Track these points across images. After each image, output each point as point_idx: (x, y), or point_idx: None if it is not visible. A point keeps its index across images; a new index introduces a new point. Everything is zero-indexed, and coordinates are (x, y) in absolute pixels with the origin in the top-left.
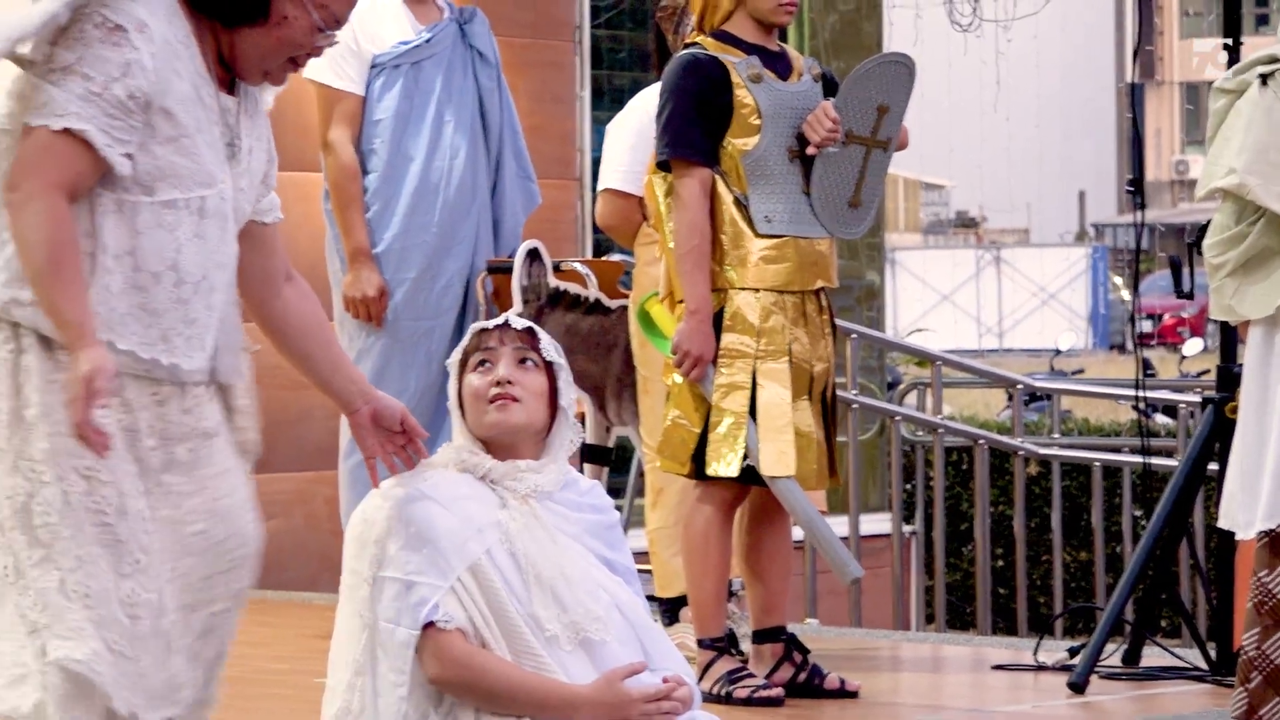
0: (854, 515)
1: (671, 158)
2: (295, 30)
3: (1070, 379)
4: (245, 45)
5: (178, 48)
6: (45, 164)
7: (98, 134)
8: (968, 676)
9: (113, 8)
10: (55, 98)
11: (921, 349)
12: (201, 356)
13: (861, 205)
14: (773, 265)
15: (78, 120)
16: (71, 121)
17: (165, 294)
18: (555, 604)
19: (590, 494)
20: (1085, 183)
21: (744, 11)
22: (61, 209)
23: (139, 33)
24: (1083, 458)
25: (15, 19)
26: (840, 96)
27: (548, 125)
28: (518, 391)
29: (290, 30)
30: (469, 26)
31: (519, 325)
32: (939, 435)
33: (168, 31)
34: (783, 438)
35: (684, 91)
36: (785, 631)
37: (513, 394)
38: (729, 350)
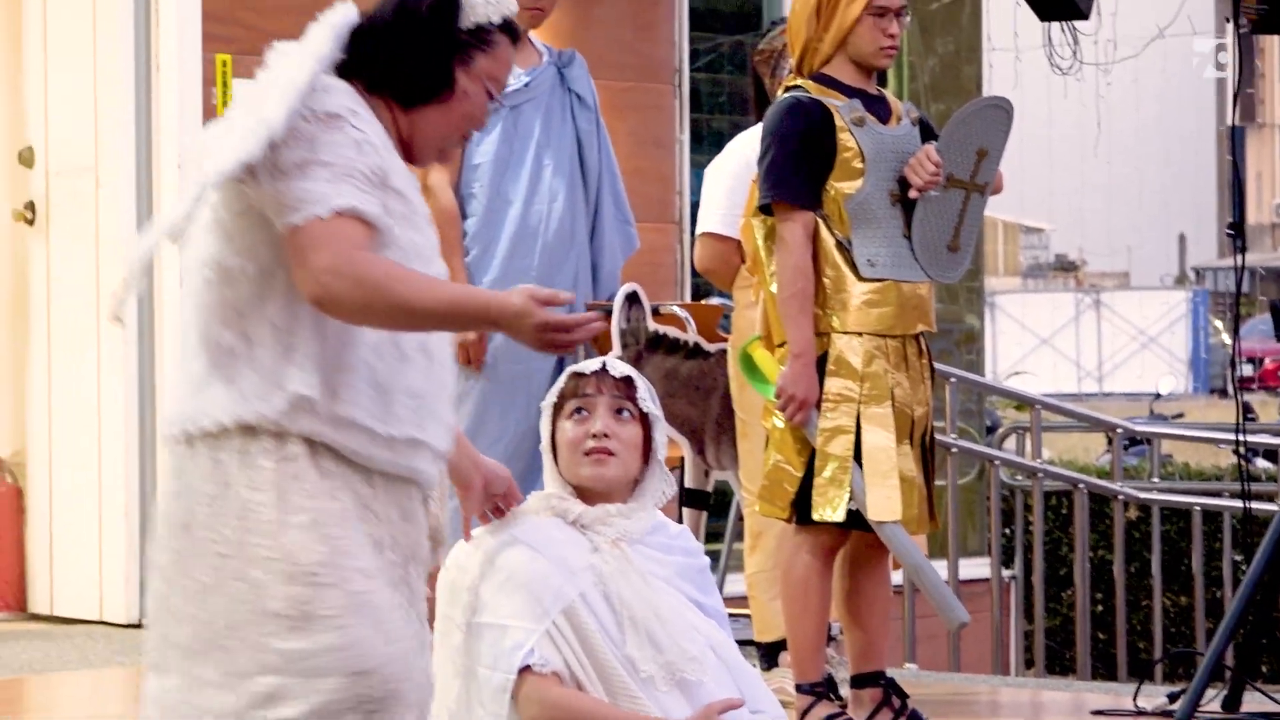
0: (953, 560)
1: (775, 201)
2: (473, 105)
3: (1170, 423)
4: (425, 125)
5: (380, 129)
6: (336, 242)
7: (368, 205)
8: None
9: (318, 101)
10: (309, 190)
11: (1021, 393)
12: (448, 438)
13: (960, 249)
14: (875, 309)
15: (343, 199)
16: (338, 201)
17: (420, 374)
18: (650, 645)
19: (680, 537)
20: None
21: (844, 55)
22: (373, 258)
23: (353, 116)
24: (1183, 502)
25: (230, 142)
26: (942, 140)
27: (647, 168)
28: (613, 445)
29: (468, 105)
30: (568, 70)
31: (616, 373)
32: (1038, 479)
33: (368, 115)
34: (888, 482)
35: (787, 135)
36: (884, 676)
37: (609, 448)
38: (833, 395)
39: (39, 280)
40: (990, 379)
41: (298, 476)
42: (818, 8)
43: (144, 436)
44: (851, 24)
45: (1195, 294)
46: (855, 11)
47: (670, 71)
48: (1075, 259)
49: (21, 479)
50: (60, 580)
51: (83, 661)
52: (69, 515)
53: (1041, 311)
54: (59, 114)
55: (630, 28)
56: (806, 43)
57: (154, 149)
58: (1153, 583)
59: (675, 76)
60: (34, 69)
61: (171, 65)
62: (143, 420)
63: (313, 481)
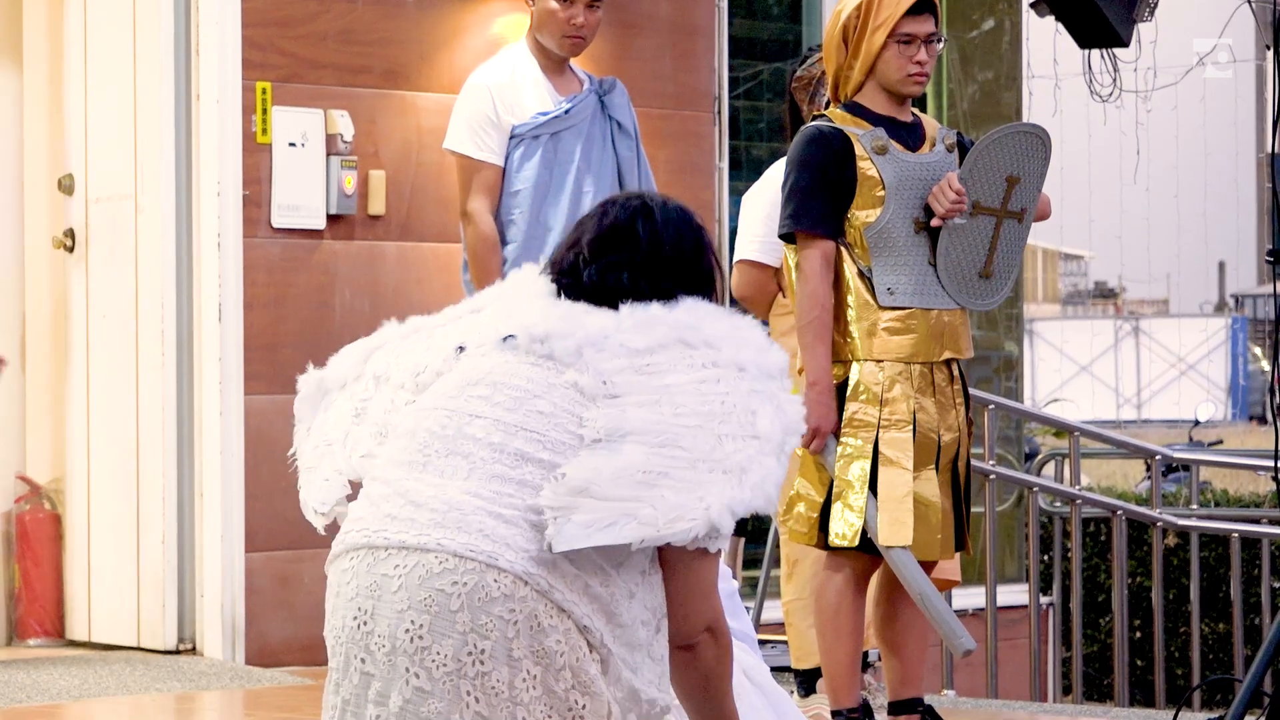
0: (991, 586)
1: (794, 229)
2: None
3: (1209, 450)
4: None
5: None
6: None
7: None
8: None
9: None
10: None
11: (1059, 419)
12: None
13: (994, 276)
14: (897, 336)
15: None
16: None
17: None
18: None
19: None
20: (1225, 253)
21: (874, 82)
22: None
23: None
24: (1221, 529)
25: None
26: (965, 168)
27: (686, 195)
28: None
29: None
30: (608, 98)
31: None
32: (1077, 506)
33: None
34: (901, 507)
35: (806, 164)
36: (922, 703)
37: None
38: (852, 420)
39: (78, 307)
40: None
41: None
42: (845, 35)
43: (181, 463)
44: (877, 51)
45: (1234, 321)
46: (880, 40)
47: (709, 99)
48: (1114, 286)
49: (60, 505)
50: (98, 606)
51: (121, 688)
52: (107, 541)
53: (1081, 338)
54: (99, 141)
55: (670, 56)
56: (838, 70)
57: (194, 176)
58: (1191, 609)
59: (714, 104)
60: (74, 96)
61: (211, 93)
62: (180, 447)
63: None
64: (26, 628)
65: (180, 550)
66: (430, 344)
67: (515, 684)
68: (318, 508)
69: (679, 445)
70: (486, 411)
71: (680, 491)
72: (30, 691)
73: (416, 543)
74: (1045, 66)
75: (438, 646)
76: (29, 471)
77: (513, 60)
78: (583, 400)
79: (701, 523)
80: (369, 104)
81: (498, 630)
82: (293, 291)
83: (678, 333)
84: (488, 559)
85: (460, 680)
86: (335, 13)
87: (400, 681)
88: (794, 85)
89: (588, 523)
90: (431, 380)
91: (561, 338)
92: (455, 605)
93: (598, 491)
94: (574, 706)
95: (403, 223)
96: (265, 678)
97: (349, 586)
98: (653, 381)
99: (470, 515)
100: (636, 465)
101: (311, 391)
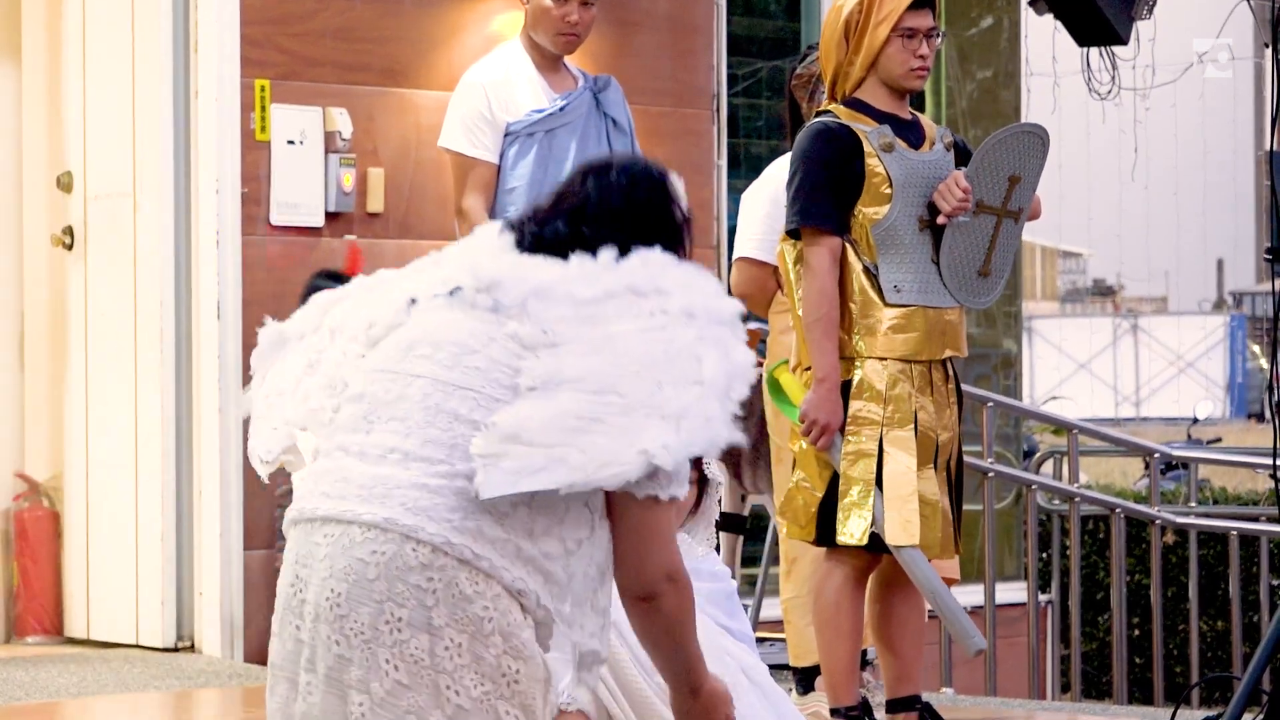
0: (989, 584)
1: (801, 225)
2: None
3: (1207, 448)
4: None
5: None
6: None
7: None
8: None
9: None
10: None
11: (1058, 417)
12: None
13: (991, 275)
14: (900, 334)
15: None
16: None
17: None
18: None
19: (706, 561)
20: (1224, 251)
21: (875, 78)
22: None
23: None
24: (1220, 527)
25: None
26: (971, 166)
27: (686, 193)
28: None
29: None
30: (603, 95)
31: None
32: (1075, 504)
33: None
34: (908, 506)
35: (814, 160)
36: (920, 700)
37: None
38: (857, 418)
39: (77, 304)
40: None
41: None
42: (846, 31)
43: (180, 460)
44: (880, 46)
45: (1233, 318)
46: (883, 33)
47: (708, 97)
48: (1113, 284)
49: (59, 503)
50: (97, 604)
51: (120, 685)
52: (106, 539)
53: (1079, 336)
54: (97, 139)
55: (669, 55)
56: (838, 67)
57: (192, 173)
58: (1189, 607)
59: (713, 102)
60: (73, 94)
61: (210, 90)
62: (179, 444)
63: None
64: (25, 625)
65: (179, 548)
66: (386, 297)
67: (437, 652)
68: (264, 456)
69: (615, 391)
70: (426, 371)
71: (613, 437)
72: (29, 689)
73: (341, 515)
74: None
75: (355, 614)
76: (27, 469)
77: (507, 58)
78: (521, 351)
79: (634, 467)
80: (367, 102)
81: (414, 598)
82: (292, 289)
83: (627, 280)
84: (407, 531)
85: (378, 648)
86: (333, 10)
87: (323, 648)
88: (793, 83)
89: (516, 469)
90: (383, 334)
91: (508, 287)
92: (372, 574)
93: (527, 438)
94: (507, 672)
95: (401, 220)
96: (263, 675)
97: (289, 555)
98: (595, 330)
99: (395, 490)
100: (569, 411)
101: (271, 343)
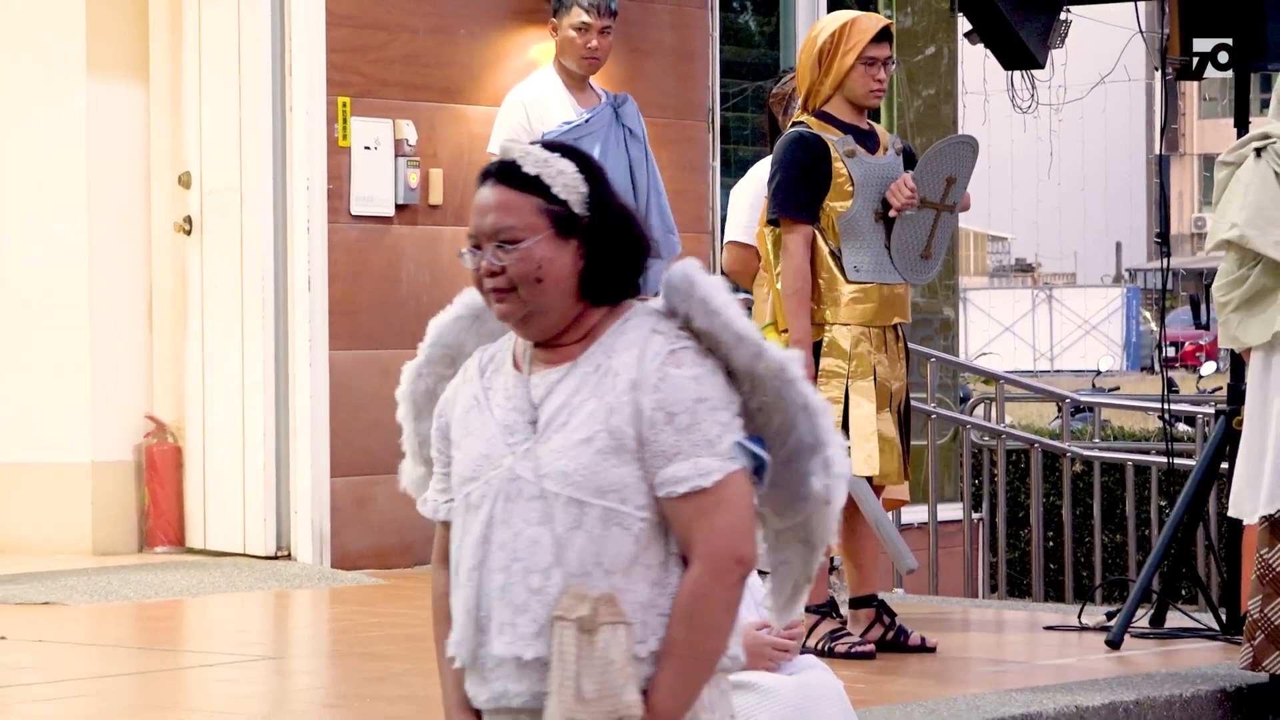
0: (932, 504)
1: (781, 216)
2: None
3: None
4: None
5: None
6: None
7: None
8: (1024, 636)
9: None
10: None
11: (987, 370)
12: None
13: (931, 257)
14: (859, 305)
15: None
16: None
17: None
18: None
19: None
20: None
21: (841, 96)
22: None
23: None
24: (1118, 458)
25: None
26: (917, 170)
27: (686, 189)
28: None
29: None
30: (621, 109)
31: None
32: (1002, 440)
33: None
34: (869, 444)
35: (791, 162)
36: (876, 599)
37: None
38: (826, 371)
39: (195, 280)
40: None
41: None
42: (819, 57)
43: (279, 403)
44: (847, 70)
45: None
46: (850, 61)
47: (704, 111)
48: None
49: (181, 440)
50: (212, 521)
51: (230, 586)
52: (219, 468)
53: (1004, 304)
54: (211, 144)
55: (672, 76)
56: (810, 85)
57: (287, 173)
58: (1094, 524)
59: (708, 115)
60: (190, 107)
61: (302, 105)
62: (278, 390)
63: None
64: (155, 538)
65: (277, 475)
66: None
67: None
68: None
69: None
70: None
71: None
72: (158, 589)
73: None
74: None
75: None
76: (155, 412)
77: (542, 80)
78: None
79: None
80: (429, 115)
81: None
82: (367, 267)
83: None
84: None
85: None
86: (401, 41)
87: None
88: (771, 100)
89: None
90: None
91: None
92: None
93: None
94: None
95: (456, 210)
96: (347, 579)
97: None
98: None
99: None
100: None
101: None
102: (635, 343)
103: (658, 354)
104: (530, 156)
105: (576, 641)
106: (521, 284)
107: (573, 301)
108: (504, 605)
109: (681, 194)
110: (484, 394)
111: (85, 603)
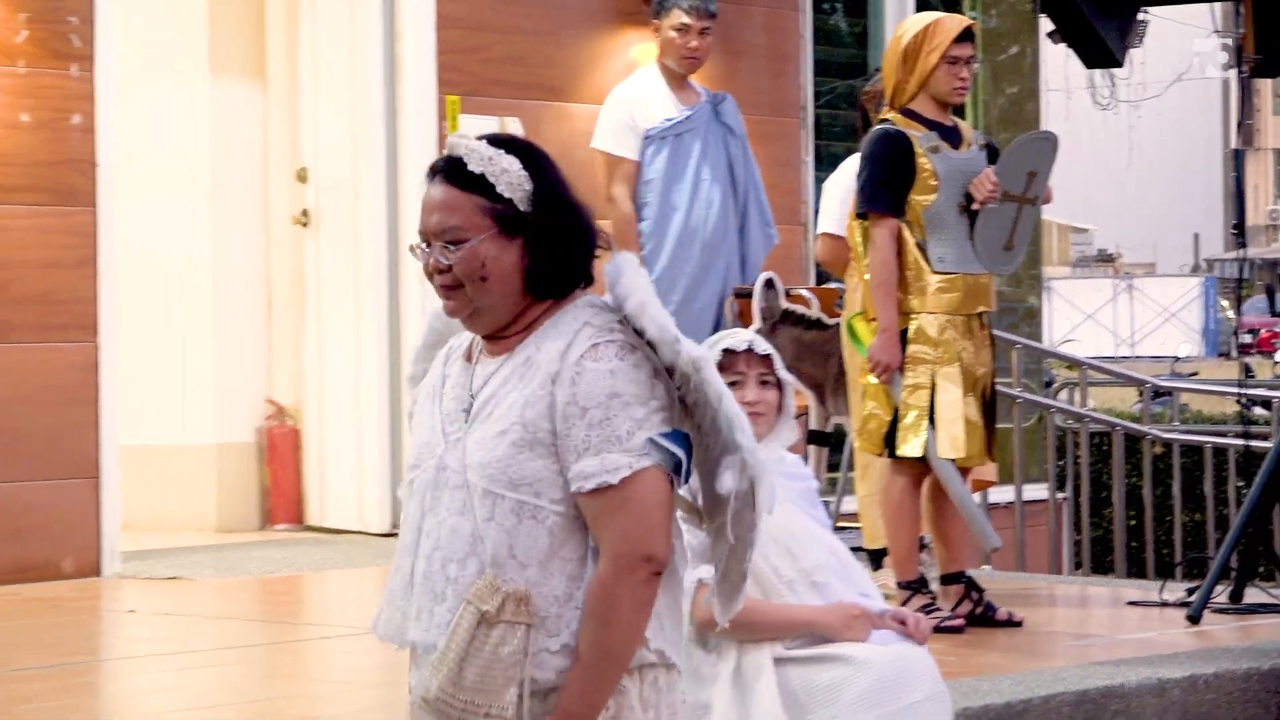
0: (1019, 485)
1: (868, 210)
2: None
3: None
4: None
5: None
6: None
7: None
8: (1107, 610)
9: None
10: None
11: (1071, 356)
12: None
13: (1014, 248)
14: (945, 294)
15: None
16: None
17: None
18: (788, 556)
19: (794, 466)
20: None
21: (926, 94)
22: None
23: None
24: (1197, 441)
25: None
26: (999, 164)
27: (780, 183)
28: (761, 408)
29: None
30: (721, 107)
31: (760, 350)
32: (1085, 423)
33: None
34: (955, 427)
35: (878, 158)
36: (965, 575)
37: (758, 410)
38: (914, 358)
39: (312, 271)
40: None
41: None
42: (905, 57)
43: (391, 391)
44: (931, 69)
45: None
46: (934, 59)
47: (797, 109)
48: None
49: (300, 423)
50: (329, 500)
51: (348, 562)
52: (336, 449)
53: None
54: (326, 141)
55: (767, 75)
56: (896, 84)
57: (399, 169)
58: (1174, 504)
59: (801, 113)
60: (306, 107)
61: (413, 104)
62: (390, 378)
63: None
64: (275, 516)
65: (391, 456)
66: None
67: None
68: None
69: None
70: None
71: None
72: (279, 564)
73: None
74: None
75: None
76: (275, 397)
77: (644, 78)
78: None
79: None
80: (534, 112)
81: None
82: None
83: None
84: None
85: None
86: (507, 43)
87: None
88: (863, 97)
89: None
90: None
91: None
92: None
93: None
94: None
95: None
96: None
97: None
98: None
99: None
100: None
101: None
102: (564, 334)
103: (580, 347)
104: (475, 154)
105: (473, 628)
106: (467, 281)
107: (519, 297)
108: (425, 593)
109: (776, 188)
110: (441, 382)
111: (210, 578)
